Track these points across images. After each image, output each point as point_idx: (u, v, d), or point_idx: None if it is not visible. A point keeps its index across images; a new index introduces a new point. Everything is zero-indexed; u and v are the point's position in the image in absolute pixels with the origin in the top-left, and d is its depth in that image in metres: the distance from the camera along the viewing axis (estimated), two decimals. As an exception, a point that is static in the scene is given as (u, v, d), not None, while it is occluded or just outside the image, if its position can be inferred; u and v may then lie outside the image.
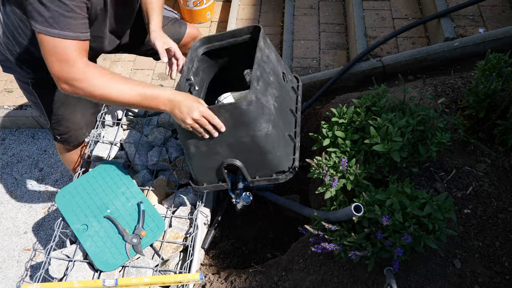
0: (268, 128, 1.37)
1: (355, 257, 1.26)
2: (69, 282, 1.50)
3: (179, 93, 1.32)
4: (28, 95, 1.66)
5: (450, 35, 2.35)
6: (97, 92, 1.23)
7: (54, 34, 1.15)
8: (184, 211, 1.75)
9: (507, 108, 1.51)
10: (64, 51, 1.17)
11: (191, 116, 1.29)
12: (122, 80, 1.27)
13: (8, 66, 1.56)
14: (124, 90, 1.25)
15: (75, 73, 1.20)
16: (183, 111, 1.29)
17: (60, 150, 2.06)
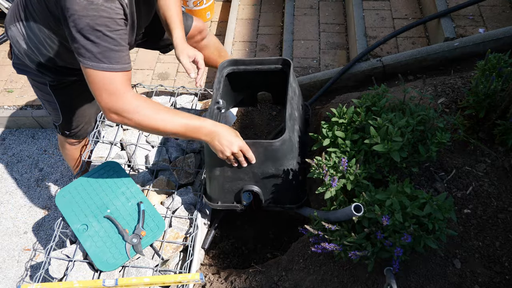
0: (293, 163, 1.49)
1: (355, 257, 1.26)
2: (69, 282, 1.50)
3: (219, 126, 1.39)
4: (43, 94, 1.68)
5: (450, 35, 2.35)
6: (145, 123, 1.28)
7: (103, 68, 1.18)
8: (184, 211, 1.75)
9: (507, 108, 1.51)
10: (113, 84, 1.21)
11: (231, 149, 1.39)
12: (168, 111, 1.32)
13: (24, 69, 1.59)
14: (170, 121, 1.31)
15: (124, 104, 1.24)
16: (223, 143, 1.38)
17: (64, 146, 2.08)
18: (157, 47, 1.94)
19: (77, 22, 1.13)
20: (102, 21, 1.14)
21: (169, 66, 3.08)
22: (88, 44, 1.15)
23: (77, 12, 1.12)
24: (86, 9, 1.12)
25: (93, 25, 1.13)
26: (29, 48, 1.46)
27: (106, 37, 1.15)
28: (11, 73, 3.30)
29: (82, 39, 1.15)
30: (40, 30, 1.39)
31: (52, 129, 3.11)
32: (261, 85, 1.85)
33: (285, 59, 1.69)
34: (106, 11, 1.14)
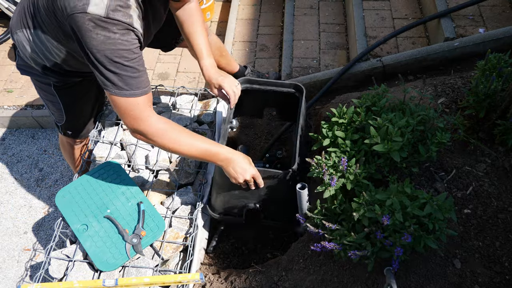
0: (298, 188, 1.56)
1: (355, 256, 1.26)
2: (69, 282, 1.50)
3: (235, 153, 1.49)
4: (47, 94, 1.69)
5: (450, 35, 2.35)
6: (169, 145, 1.37)
7: (126, 95, 1.25)
8: (184, 211, 1.75)
9: (507, 108, 1.51)
10: (137, 108, 1.28)
11: (244, 177, 1.48)
12: (189, 135, 1.42)
13: (28, 71, 1.60)
14: (191, 144, 1.40)
15: (149, 128, 1.32)
16: (238, 171, 1.47)
17: (65, 146, 2.09)
18: (159, 46, 1.95)
19: (96, 56, 1.18)
20: (120, 53, 1.19)
21: (169, 66, 3.08)
22: (109, 74, 1.21)
23: (95, 47, 1.17)
24: (104, 44, 1.16)
25: (112, 57, 1.18)
26: (35, 54, 1.47)
27: (125, 67, 1.21)
28: (11, 73, 3.30)
29: (103, 70, 1.21)
30: (47, 40, 1.40)
31: (52, 129, 3.11)
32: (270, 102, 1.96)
33: (298, 85, 1.79)
34: (123, 44, 1.19)
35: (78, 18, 1.14)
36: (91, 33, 1.15)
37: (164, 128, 1.35)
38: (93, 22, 1.14)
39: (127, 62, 1.21)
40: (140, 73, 1.26)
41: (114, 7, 1.15)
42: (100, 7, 1.14)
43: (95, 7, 1.14)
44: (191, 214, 1.74)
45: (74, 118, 1.82)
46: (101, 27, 1.15)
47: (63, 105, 1.72)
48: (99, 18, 1.14)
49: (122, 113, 1.30)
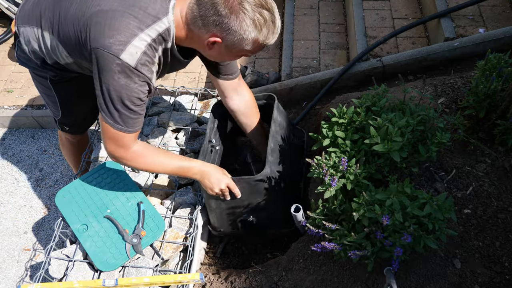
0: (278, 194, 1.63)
1: (355, 256, 1.26)
2: (69, 282, 1.50)
3: (208, 165, 1.56)
4: (44, 88, 1.70)
5: (450, 35, 2.35)
6: (143, 168, 1.48)
7: (118, 128, 1.33)
8: (184, 211, 1.75)
9: (507, 108, 1.51)
10: (123, 140, 1.36)
11: (219, 187, 1.53)
12: (163, 155, 1.51)
13: (26, 63, 1.60)
14: (164, 164, 1.49)
15: (126, 155, 1.41)
16: (213, 182, 1.53)
17: (63, 142, 2.09)
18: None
19: (110, 93, 1.26)
20: (132, 99, 1.28)
21: (169, 66, 3.08)
22: (112, 109, 1.29)
23: (113, 86, 1.25)
24: (122, 88, 1.25)
25: (123, 100, 1.27)
26: (40, 51, 1.47)
27: (129, 109, 1.30)
28: (11, 73, 3.31)
29: (109, 104, 1.28)
30: (58, 46, 1.40)
31: (52, 129, 3.11)
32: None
33: (270, 95, 1.84)
34: (138, 92, 1.28)
35: (106, 56, 1.21)
36: (114, 75, 1.23)
37: (140, 154, 1.43)
38: (120, 68, 1.22)
39: (133, 106, 1.30)
40: (139, 116, 1.35)
41: (144, 62, 1.24)
42: (133, 58, 1.22)
43: (128, 56, 1.21)
44: (191, 214, 1.74)
45: (70, 113, 1.82)
46: (126, 74, 1.23)
47: (59, 99, 1.72)
48: (127, 67, 1.22)
49: (107, 138, 1.37)
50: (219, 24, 1.20)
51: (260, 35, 1.25)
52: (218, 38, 1.24)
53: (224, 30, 1.21)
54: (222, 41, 1.25)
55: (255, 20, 1.22)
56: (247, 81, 2.61)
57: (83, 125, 1.99)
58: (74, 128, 1.96)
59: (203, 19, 1.22)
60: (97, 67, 1.25)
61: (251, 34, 1.23)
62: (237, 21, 1.19)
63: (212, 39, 1.24)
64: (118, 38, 1.20)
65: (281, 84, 2.57)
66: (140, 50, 1.22)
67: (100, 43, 1.21)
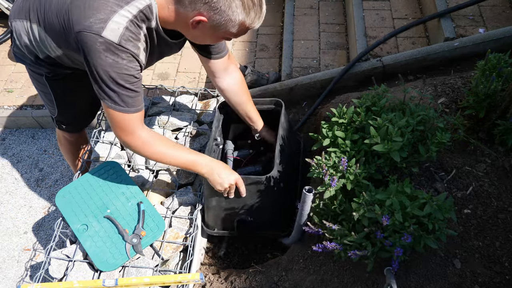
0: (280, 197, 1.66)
1: (355, 256, 1.26)
2: (69, 282, 1.50)
3: (215, 161, 1.56)
4: (40, 84, 1.70)
5: (450, 35, 2.35)
6: (154, 156, 1.47)
7: (121, 110, 1.32)
8: (184, 211, 1.75)
9: (507, 108, 1.51)
10: (129, 123, 1.36)
11: (229, 182, 1.54)
12: (174, 146, 1.50)
13: (22, 59, 1.60)
14: (174, 156, 1.48)
15: (136, 141, 1.41)
16: (223, 177, 1.53)
17: (61, 141, 2.09)
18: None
19: (101, 75, 1.25)
20: (124, 77, 1.27)
21: (169, 66, 3.08)
22: (108, 91, 1.28)
23: (102, 67, 1.23)
24: (111, 66, 1.23)
25: (116, 79, 1.26)
26: (31, 45, 1.47)
27: (126, 89, 1.29)
28: (11, 73, 3.31)
29: (104, 87, 1.27)
30: (46, 38, 1.40)
31: (52, 129, 3.11)
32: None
33: (277, 100, 1.87)
34: (128, 69, 1.27)
35: (89, 37, 1.20)
36: (100, 54, 1.21)
37: (149, 141, 1.43)
38: (104, 46, 1.20)
39: (128, 85, 1.29)
40: (137, 93, 1.33)
41: (127, 37, 1.22)
42: (115, 34, 1.20)
43: (110, 32, 1.19)
44: (191, 214, 1.74)
45: (66, 110, 1.82)
46: (111, 52, 1.21)
47: (54, 97, 1.73)
48: (111, 44, 1.20)
49: (114, 125, 1.38)
50: (207, 3, 1.18)
51: (247, 18, 1.23)
52: (204, 17, 1.21)
53: (212, 9, 1.19)
54: (208, 21, 1.22)
55: (244, 2, 1.20)
56: (247, 81, 2.61)
57: (80, 123, 1.99)
58: (71, 126, 1.96)
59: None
60: (83, 52, 1.23)
61: (239, 16, 1.22)
62: (227, 1, 1.18)
63: (197, 18, 1.22)
64: (97, 16, 1.19)
65: (281, 84, 2.58)
66: (122, 26, 1.20)
67: (82, 25, 1.20)
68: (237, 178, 1.56)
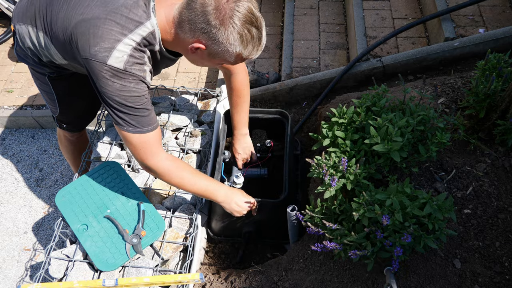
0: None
1: (355, 256, 1.26)
2: (69, 282, 1.50)
3: (232, 191, 1.62)
4: (42, 84, 1.71)
5: (450, 35, 2.35)
6: (174, 181, 1.49)
7: (137, 131, 1.34)
8: (184, 211, 1.75)
9: (507, 108, 1.51)
10: (147, 144, 1.38)
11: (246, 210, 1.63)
12: (193, 173, 1.52)
13: (25, 59, 1.60)
14: (194, 183, 1.51)
15: (157, 164, 1.42)
16: (242, 206, 1.61)
17: (62, 140, 2.10)
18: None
19: (110, 99, 1.27)
20: (133, 99, 1.29)
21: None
22: (121, 115, 1.30)
23: (110, 92, 1.26)
24: (119, 91, 1.26)
25: (125, 103, 1.28)
26: (35, 49, 1.47)
27: (136, 109, 1.31)
28: (11, 73, 3.31)
29: (116, 111, 1.30)
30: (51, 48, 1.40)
31: (52, 129, 3.11)
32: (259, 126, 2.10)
33: (283, 112, 1.93)
34: (136, 91, 1.28)
35: (95, 65, 1.22)
36: (107, 81, 1.24)
37: (171, 166, 1.44)
38: (110, 72, 1.23)
39: (138, 106, 1.31)
40: (149, 111, 1.35)
41: (132, 63, 1.25)
42: (119, 61, 1.22)
43: (114, 60, 1.22)
44: (191, 214, 1.74)
45: (68, 110, 1.83)
46: (118, 77, 1.24)
47: (57, 96, 1.73)
48: (117, 70, 1.23)
49: (133, 149, 1.38)
50: (206, 33, 1.20)
51: (244, 50, 1.26)
52: (202, 45, 1.24)
53: (210, 39, 1.22)
54: (206, 49, 1.25)
55: (243, 36, 1.22)
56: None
57: (81, 122, 2.00)
58: (72, 125, 1.97)
59: (191, 24, 1.22)
60: (91, 77, 1.27)
61: (236, 48, 1.24)
62: (225, 33, 1.20)
63: (196, 45, 1.24)
64: (102, 45, 1.21)
65: (281, 84, 2.58)
66: (126, 54, 1.23)
67: (87, 53, 1.22)
68: (252, 202, 1.63)
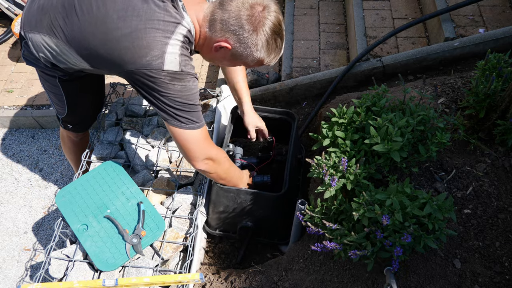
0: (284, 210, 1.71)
1: (355, 256, 1.26)
2: (69, 282, 1.50)
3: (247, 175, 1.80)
4: (51, 86, 1.71)
5: (450, 35, 2.35)
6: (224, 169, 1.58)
7: (198, 126, 1.40)
8: (184, 211, 1.75)
9: (507, 108, 1.51)
10: (207, 136, 1.45)
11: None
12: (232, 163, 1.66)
13: (34, 63, 1.59)
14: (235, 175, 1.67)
15: (218, 154, 1.51)
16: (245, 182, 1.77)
17: (65, 140, 2.11)
18: None
19: (173, 101, 1.31)
20: (192, 97, 1.35)
21: (169, 66, 3.09)
22: (183, 114, 1.35)
23: (172, 95, 1.30)
24: (181, 91, 1.31)
25: (187, 102, 1.33)
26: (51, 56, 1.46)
27: (195, 106, 1.37)
28: (11, 73, 3.31)
29: (178, 112, 1.34)
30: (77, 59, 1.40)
31: (52, 129, 3.11)
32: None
33: (290, 113, 1.96)
34: (194, 89, 1.35)
35: (151, 74, 1.26)
36: (168, 85, 1.28)
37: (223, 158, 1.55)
38: (170, 76, 1.27)
39: (196, 102, 1.37)
40: (199, 107, 1.41)
41: (184, 63, 1.29)
42: (174, 64, 1.27)
43: (170, 64, 1.26)
44: (191, 214, 1.74)
45: (76, 110, 1.84)
46: (177, 79, 1.29)
47: (66, 97, 1.74)
48: (175, 73, 1.27)
49: (195, 145, 1.42)
50: (237, 35, 1.26)
51: (267, 57, 1.34)
52: (229, 44, 1.29)
53: (239, 41, 1.27)
54: (231, 49, 1.30)
55: (270, 44, 1.30)
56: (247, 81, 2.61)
57: (87, 123, 2.02)
58: (79, 125, 1.98)
59: (223, 24, 1.26)
60: (145, 86, 1.30)
61: (261, 54, 1.31)
62: (255, 39, 1.27)
63: (223, 44, 1.29)
64: (152, 54, 1.24)
65: (281, 84, 2.58)
66: (177, 54, 1.27)
67: (138, 64, 1.25)
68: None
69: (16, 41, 3.55)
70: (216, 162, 1.51)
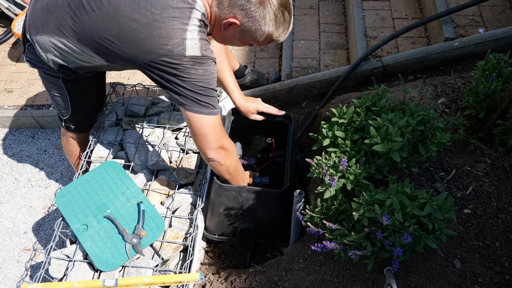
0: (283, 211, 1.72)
1: (355, 256, 1.26)
2: (69, 282, 1.50)
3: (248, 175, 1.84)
4: (54, 87, 1.71)
5: (450, 35, 2.35)
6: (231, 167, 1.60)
7: (217, 112, 1.41)
8: (184, 211, 1.75)
9: (507, 108, 1.51)
10: (221, 124, 1.46)
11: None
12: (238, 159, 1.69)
13: (38, 65, 1.59)
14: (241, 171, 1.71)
15: (229, 144, 1.52)
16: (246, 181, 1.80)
17: (66, 141, 2.11)
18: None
19: (194, 86, 1.33)
20: (212, 81, 1.37)
21: (169, 66, 3.09)
22: (202, 98, 1.36)
23: (194, 79, 1.32)
24: (203, 75, 1.33)
25: (208, 86, 1.35)
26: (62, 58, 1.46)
27: (214, 91, 1.39)
28: (11, 73, 3.30)
29: (197, 95, 1.35)
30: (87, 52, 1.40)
31: (52, 129, 3.11)
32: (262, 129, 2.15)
33: (287, 114, 1.96)
34: (213, 72, 1.37)
35: (173, 60, 1.28)
36: (190, 69, 1.30)
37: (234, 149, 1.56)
38: (192, 61, 1.29)
39: (215, 87, 1.40)
40: (216, 94, 1.43)
41: (205, 47, 1.32)
42: (196, 49, 1.29)
43: (192, 50, 1.28)
44: (191, 214, 1.74)
45: (79, 111, 1.85)
46: (199, 63, 1.31)
47: (70, 98, 1.74)
48: (196, 57, 1.30)
49: (211, 131, 1.42)
50: (244, 9, 1.28)
51: (276, 31, 1.35)
52: (237, 20, 1.31)
53: (247, 15, 1.29)
54: (240, 25, 1.32)
55: (277, 17, 1.31)
56: (247, 81, 2.61)
57: (89, 123, 2.02)
58: (81, 126, 1.98)
59: (231, 0, 1.28)
60: (165, 73, 1.30)
61: (269, 28, 1.33)
62: (263, 12, 1.28)
63: (231, 20, 1.31)
64: (172, 42, 1.26)
65: (281, 84, 2.58)
66: (197, 39, 1.29)
67: (159, 53, 1.27)
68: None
69: (16, 41, 3.55)
70: (228, 153, 1.51)
